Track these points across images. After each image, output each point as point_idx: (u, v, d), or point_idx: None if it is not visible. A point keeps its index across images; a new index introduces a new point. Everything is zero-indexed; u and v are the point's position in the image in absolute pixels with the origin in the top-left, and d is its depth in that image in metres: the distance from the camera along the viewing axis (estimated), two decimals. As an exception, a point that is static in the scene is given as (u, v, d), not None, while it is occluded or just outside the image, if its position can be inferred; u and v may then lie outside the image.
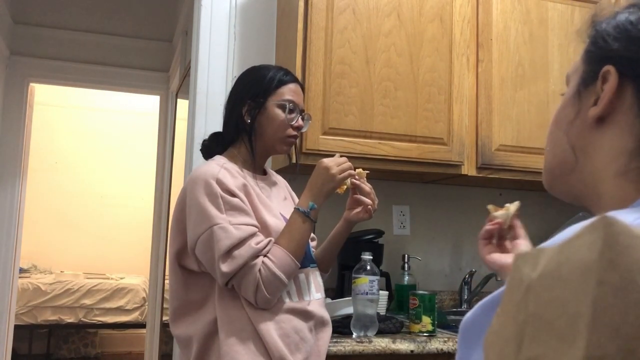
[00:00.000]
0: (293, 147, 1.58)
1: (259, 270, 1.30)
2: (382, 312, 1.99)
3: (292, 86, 1.48)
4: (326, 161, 1.43)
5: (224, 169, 1.38)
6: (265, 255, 1.33)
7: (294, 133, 1.48)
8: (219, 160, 1.43)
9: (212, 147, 1.53)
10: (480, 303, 0.51)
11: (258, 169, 1.52)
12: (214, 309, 1.34)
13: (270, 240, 1.35)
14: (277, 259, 1.32)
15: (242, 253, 1.29)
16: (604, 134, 0.57)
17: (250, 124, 1.45)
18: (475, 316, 0.51)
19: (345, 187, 1.50)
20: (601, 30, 0.60)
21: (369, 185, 1.53)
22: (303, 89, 1.55)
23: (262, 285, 1.30)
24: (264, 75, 1.48)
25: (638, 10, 0.57)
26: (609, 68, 0.56)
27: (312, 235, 1.62)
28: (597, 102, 0.57)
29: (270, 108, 1.45)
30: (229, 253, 1.29)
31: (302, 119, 1.50)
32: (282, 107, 1.45)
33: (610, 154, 0.56)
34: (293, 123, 1.46)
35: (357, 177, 1.51)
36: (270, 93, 1.45)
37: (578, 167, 0.60)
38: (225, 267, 1.29)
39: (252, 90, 1.46)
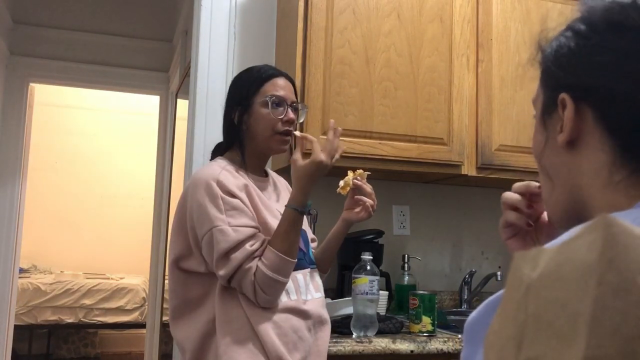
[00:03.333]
0: (292, 148, 1.58)
1: (254, 273, 1.31)
2: (382, 312, 1.99)
3: (275, 80, 1.46)
4: (321, 158, 1.37)
5: (225, 171, 1.38)
6: (259, 257, 1.33)
7: (285, 128, 1.45)
8: (220, 162, 1.43)
9: (215, 156, 1.54)
10: (485, 301, 0.51)
11: (258, 171, 1.52)
12: (212, 308, 1.35)
13: (264, 240, 1.35)
14: (268, 261, 1.31)
15: (237, 256, 1.30)
16: (579, 155, 0.58)
17: (242, 129, 1.45)
18: (480, 314, 0.51)
19: (349, 187, 1.51)
20: (545, 58, 0.62)
21: (369, 185, 1.54)
22: (293, 81, 1.52)
23: (259, 287, 1.30)
24: (247, 78, 1.48)
25: (575, 36, 0.58)
26: (564, 96, 0.58)
27: (312, 236, 1.63)
28: (562, 129, 0.59)
29: (256, 108, 1.44)
30: (226, 256, 1.30)
31: (295, 110, 1.48)
32: (266, 103, 1.44)
33: (591, 171, 0.57)
34: (281, 117, 1.44)
35: (358, 177, 1.52)
36: (254, 93, 1.44)
37: (557, 190, 0.62)
38: (221, 271, 1.31)
39: (237, 95, 1.47)
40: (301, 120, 1.55)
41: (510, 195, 0.77)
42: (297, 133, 1.45)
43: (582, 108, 0.57)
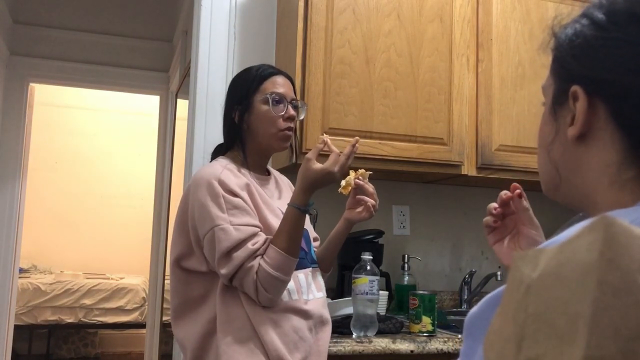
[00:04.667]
0: (292, 146, 1.58)
1: (256, 272, 1.31)
2: (382, 312, 1.99)
3: (274, 79, 1.48)
4: (334, 170, 1.37)
5: (227, 170, 1.38)
6: (262, 256, 1.33)
7: (287, 125, 1.46)
8: (222, 161, 1.44)
9: (215, 157, 1.54)
10: (485, 297, 0.51)
11: (260, 169, 1.52)
12: (213, 307, 1.35)
13: (266, 239, 1.35)
14: (271, 259, 1.32)
15: (240, 254, 1.30)
16: (588, 150, 0.56)
17: (243, 127, 1.46)
18: (480, 310, 0.51)
19: (350, 187, 1.51)
20: (559, 46, 0.59)
21: (371, 185, 1.54)
22: (291, 80, 1.53)
23: (261, 286, 1.30)
24: (246, 78, 1.49)
25: (593, 25, 0.56)
26: (576, 89, 0.56)
27: (315, 235, 1.63)
28: (573, 121, 0.57)
29: (257, 106, 1.45)
30: (228, 255, 1.30)
31: (295, 107, 1.49)
32: (266, 101, 1.45)
33: (599, 167, 0.56)
34: (282, 114, 1.45)
35: (360, 177, 1.52)
36: (254, 92, 1.46)
37: (564, 183, 0.60)
38: (223, 269, 1.31)
39: (237, 94, 1.48)
40: (301, 117, 1.56)
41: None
42: (327, 138, 1.44)
43: (595, 102, 0.55)
